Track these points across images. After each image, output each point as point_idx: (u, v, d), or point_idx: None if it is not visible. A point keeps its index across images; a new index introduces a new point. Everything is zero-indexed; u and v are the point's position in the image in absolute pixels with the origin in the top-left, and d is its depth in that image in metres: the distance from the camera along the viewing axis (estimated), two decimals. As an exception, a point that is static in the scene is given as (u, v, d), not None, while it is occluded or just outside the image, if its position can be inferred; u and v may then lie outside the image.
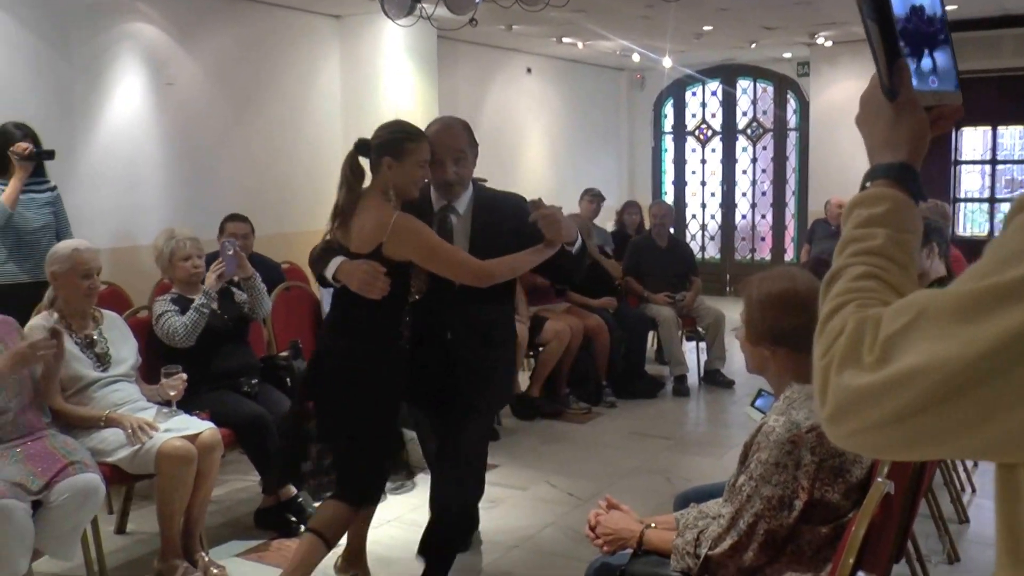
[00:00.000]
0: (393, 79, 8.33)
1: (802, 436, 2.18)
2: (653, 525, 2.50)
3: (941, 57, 1.22)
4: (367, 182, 3.48)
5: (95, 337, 4.13)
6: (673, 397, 7.23)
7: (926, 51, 1.21)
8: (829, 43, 10.31)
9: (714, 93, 12.74)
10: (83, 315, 4.13)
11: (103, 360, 4.09)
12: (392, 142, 3.38)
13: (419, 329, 3.55)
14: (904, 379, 0.95)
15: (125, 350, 4.22)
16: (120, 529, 4.49)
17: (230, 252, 4.52)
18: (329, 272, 3.40)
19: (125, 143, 6.73)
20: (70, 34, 6.35)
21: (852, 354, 1.00)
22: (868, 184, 1.21)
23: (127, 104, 6.73)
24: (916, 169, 1.20)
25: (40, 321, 4.04)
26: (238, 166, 7.54)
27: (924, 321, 0.96)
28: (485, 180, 3.73)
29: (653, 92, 12.98)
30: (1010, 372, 0.89)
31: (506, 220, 3.57)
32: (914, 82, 1.20)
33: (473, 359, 3.58)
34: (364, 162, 3.48)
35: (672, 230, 8.28)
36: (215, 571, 3.98)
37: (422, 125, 9.23)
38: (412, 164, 3.37)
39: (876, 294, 1.09)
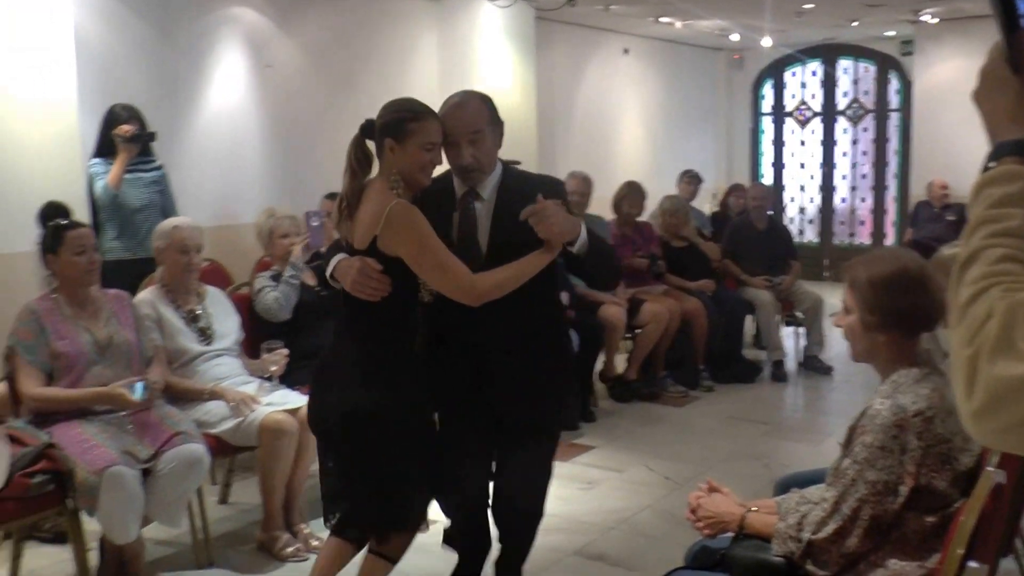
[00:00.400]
0: (490, 61, 8.31)
1: (908, 420, 2.10)
2: (754, 509, 2.44)
3: None
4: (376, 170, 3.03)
5: (198, 312, 4.22)
6: (771, 382, 7.09)
7: None
8: (935, 20, 9.95)
9: (814, 73, 12.43)
10: (186, 290, 4.23)
11: (206, 334, 4.18)
12: (393, 122, 2.92)
13: (441, 337, 3.11)
14: None
15: (228, 325, 4.30)
16: (223, 499, 4.60)
17: (315, 223, 4.59)
18: (329, 272, 3.01)
19: (226, 124, 6.86)
20: (174, 18, 6.49)
21: (1005, 342, 0.94)
22: (993, 163, 1.13)
23: (227, 86, 6.86)
24: None
25: (147, 295, 4.15)
26: (335, 147, 7.54)
27: None
28: (518, 162, 3.25)
29: (752, 72, 12.73)
30: None
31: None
32: None
33: (511, 373, 3.06)
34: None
35: (771, 213, 8.12)
36: (314, 543, 4.04)
37: (520, 107, 9.22)
38: (416, 146, 2.89)
39: (1018, 278, 1.01)
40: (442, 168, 3.07)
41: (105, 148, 5.36)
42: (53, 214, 3.75)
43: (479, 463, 3.18)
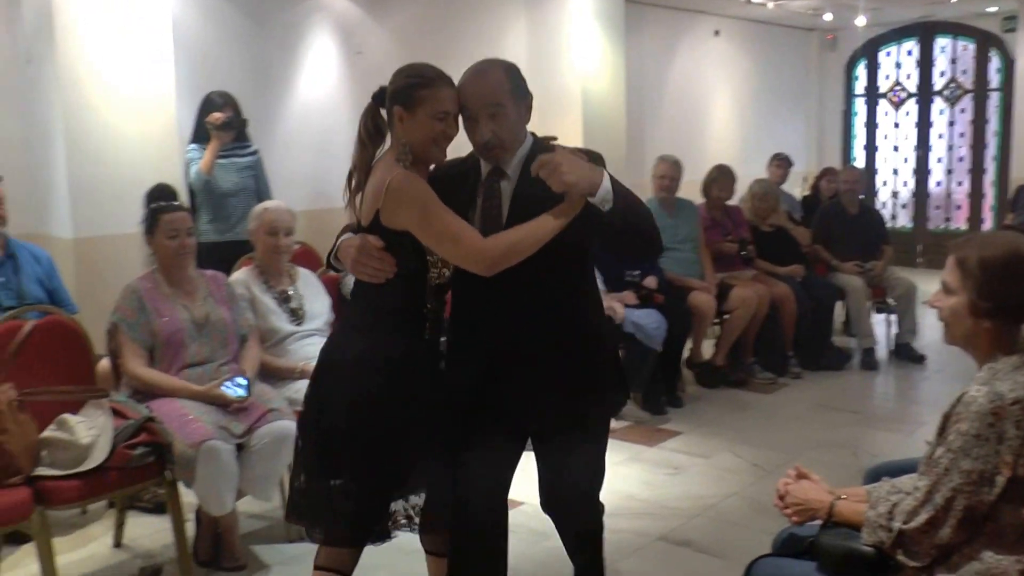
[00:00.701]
0: (580, 45, 8.27)
1: (1006, 408, 2.04)
2: (844, 496, 2.39)
3: None
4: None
5: (290, 293, 4.32)
6: (860, 370, 6.95)
7: None
8: (1041, -6, 9.61)
9: (909, 53, 12.09)
10: (279, 271, 4.34)
11: (297, 315, 4.28)
12: (403, 89, 2.65)
13: (456, 323, 2.83)
14: None
15: (318, 305, 4.39)
16: (314, 477, 4.69)
17: None
18: (331, 253, 2.82)
19: (317, 110, 6.99)
20: (267, 8, 6.64)
21: None
22: None
23: (319, 73, 6.99)
24: None
25: (240, 275, 4.27)
26: (424, 132, 7.67)
27: None
28: (554, 138, 2.80)
29: (845, 53, 12.44)
30: None
31: None
32: None
33: (533, 370, 2.71)
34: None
35: (863, 197, 7.94)
36: (402, 520, 4.10)
37: (609, 93, 9.17)
38: (426, 116, 2.62)
39: None
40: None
41: (201, 134, 5.52)
42: (158, 196, 3.88)
43: (496, 473, 2.82)
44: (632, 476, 4.79)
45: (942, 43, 11.83)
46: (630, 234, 2.64)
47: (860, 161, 12.42)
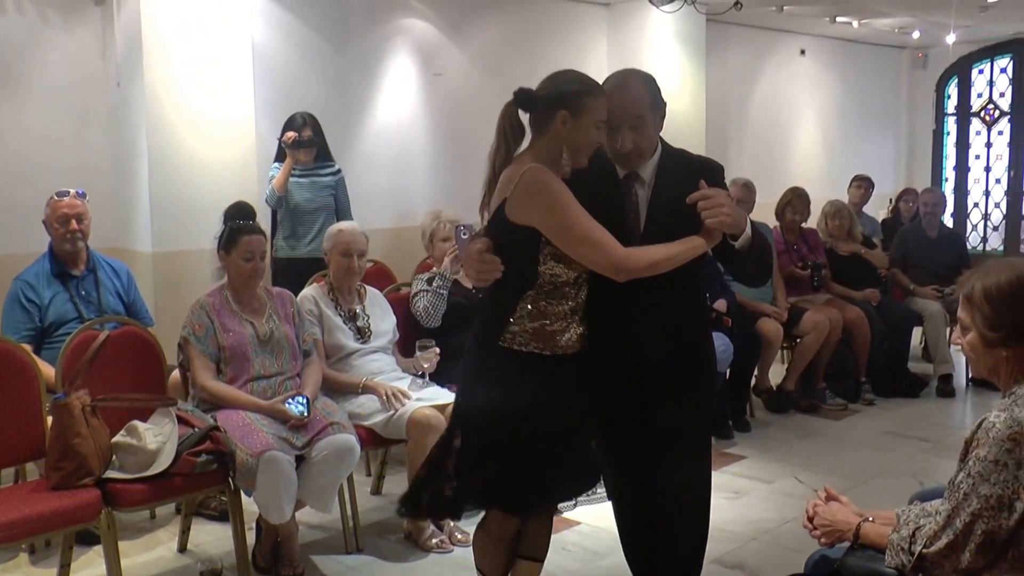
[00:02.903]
0: (661, 65, 8.29)
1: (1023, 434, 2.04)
2: (871, 519, 2.42)
3: None
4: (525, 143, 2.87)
5: (358, 311, 4.45)
6: (937, 397, 6.79)
7: None
8: None
9: (1003, 70, 11.79)
10: (349, 290, 4.47)
11: (363, 333, 4.41)
12: (570, 94, 2.74)
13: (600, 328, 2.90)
14: None
15: (384, 324, 4.52)
16: (376, 490, 4.82)
17: (464, 236, 4.67)
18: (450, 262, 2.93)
19: (396, 131, 7.16)
20: (348, 31, 6.85)
21: None
22: None
23: (398, 94, 7.17)
24: None
25: (311, 292, 4.41)
26: (502, 152, 7.78)
27: None
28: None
29: (936, 71, 12.19)
30: None
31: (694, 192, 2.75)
32: None
33: (663, 373, 2.90)
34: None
35: (952, 218, 7.77)
36: (459, 536, 4.18)
37: (688, 112, 9.18)
38: (589, 123, 2.74)
39: None
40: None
41: (283, 153, 5.73)
42: (237, 214, 4.02)
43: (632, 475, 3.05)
44: (691, 498, 4.78)
45: (1038, 60, 11.54)
46: (752, 267, 2.92)
47: (951, 182, 12.15)
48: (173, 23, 5.40)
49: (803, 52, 10.79)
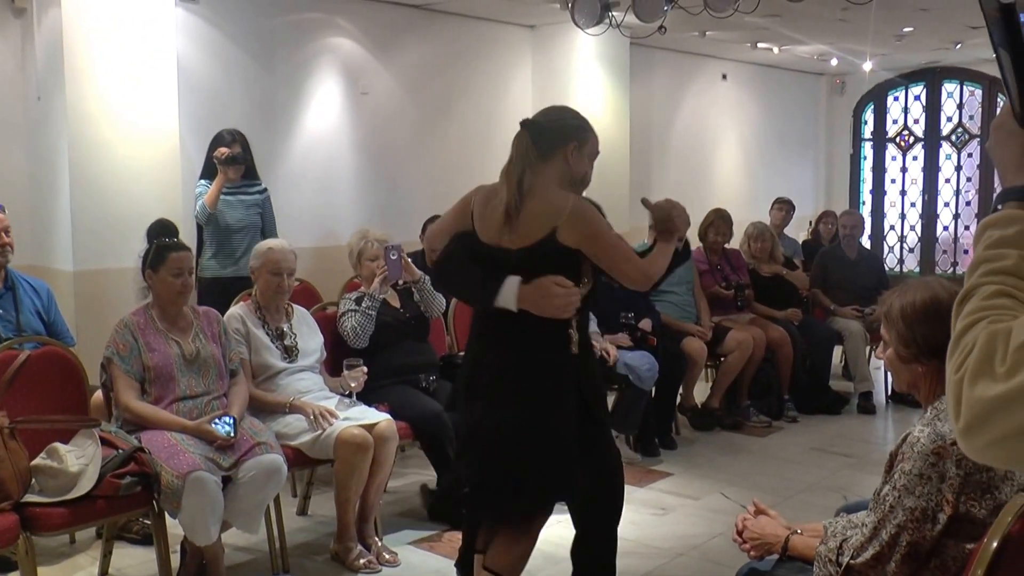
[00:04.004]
0: (585, 88, 8.42)
1: (947, 448, 2.10)
2: (799, 531, 2.47)
3: None
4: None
5: (285, 330, 4.40)
6: (858, 414, 6.97)
7: None
8: (1046, 43, 9.66)
9: (917, 98, 12.19)
10: (276, 309, 4.43)
11: (290, 352, 4.36)
12: (579, 127, 3.07)
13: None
14: None
15: (312, 343, 4.47)
16: (302, 511, 4.76)
17: (393, 257, 4.67)
18: (508, 301, 2.93)
19: (323, 149, 7.13)
20: (274, 48, 6.82)
21: (985, 367, 1.02)
22: (1000, 206, 1.22)
23: (325, 113, 7.14)
24: None
25: (238, 310, 4.36)
26: (429, 172, 7.82)
27: None
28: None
29: (853, 97, 12.53)
30: None
31: None
32: None
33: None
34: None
35: (869, 240, 7.98)
36: (387, 556, 4.16)
37: (611, 134, 9.32)
38: (588, 154, 3.09)
39: (1008, 311, 1.10)
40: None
41: (211, 170, 5.66)
42: (161, 232, 3.96)
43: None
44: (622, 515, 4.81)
45: (949, 88, 11.93)
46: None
47: (868, 205, 12.49)
48: (95, 37, 5.31)
49: (725, 77, 11.02)
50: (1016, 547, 1.83)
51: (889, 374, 7.15)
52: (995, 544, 1.78)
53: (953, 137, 11.92)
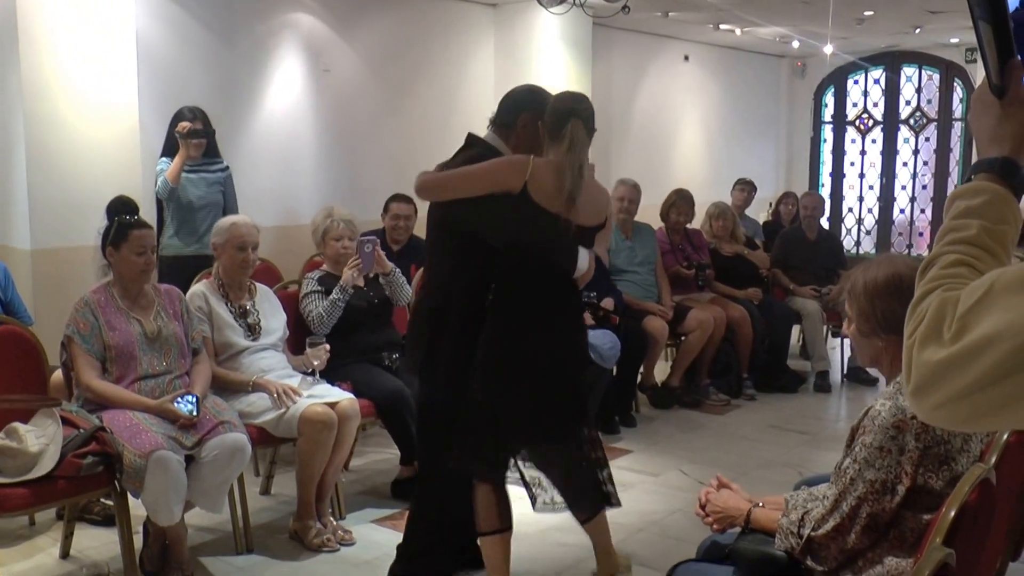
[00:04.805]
0: (547, 67, 8.41)
1: (907, 422, 2.15)
2: (761, 504, 2.52)
3: None
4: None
5: (248, 308, 4.38)
6: (814, 393, 7.07)
7: None
8: (1001, 28, 9.79)
9: (877, 81, 12.32)
10: (239, 286, 4.40)
11: (253, 330, 4.35)
12: (578, 110, 3.35)
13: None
14: (977, 349, 1.00)
15: (275, 322, 4.46)
16: (265, 491, 4.76)
17: (367, 250, 4.67)
18: (581, 268, 3.40)
19: (284, 127, 7.08)
20: (235, 24, 6.74)
21: (934, 332, 1.06)
22: (972, 177, 1.25)
23: (286, 90, 7.08)
24: (1019, 163, 1.23)
25: (200, 288, 4.33)
26: (391, 150, 7.79)
27: (994, 294, 1.01)
28: None
29: (814, 80, 12.65)
30: None
31: None
32: None
33: None
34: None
35: (828, 222, 8.07)
36: (343, 534, 4.18)
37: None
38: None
39: (965, 280, 1.13)
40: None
41: (172, 147, 5.60)
42: (121, 209, 3.92)
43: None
44: (581, 493, 4.86)
45: (908, 72, 12.07)
46: None
47: (827, 188, 12.62)
48: (51, 11, 5.22)
49: (687, 58, 11.06)
50: (973, 517, 1.89)
51: (845, 354, 7.35)
52: (953, 513, 1.83)
53: (911, 121, 12.06)
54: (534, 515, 4.18)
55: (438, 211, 3.50)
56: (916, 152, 12.04)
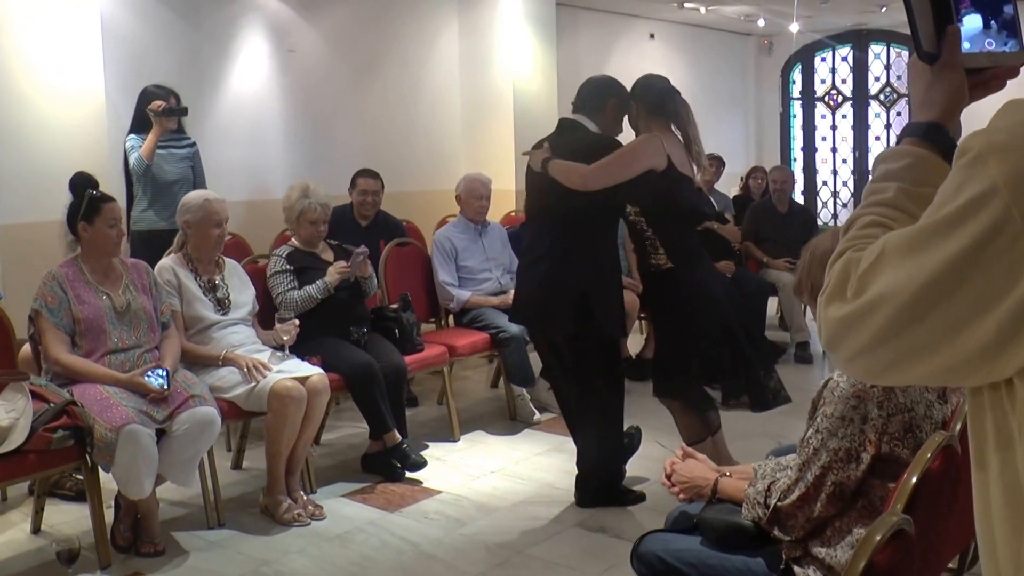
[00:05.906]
0: (512, 47, 8.35)
1: (867, 391, 2.16)
2: (728, 474, 2.52)
3: (1004, 17, 1.24)
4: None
5: (217, 282, 4.36)
6: (795, 364, 7.06)
7: (988, 11, 1.24)
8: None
9: (844, 58, 12.37)
10: (209, 261, 4.38)
11: (223, 304, 4.32)
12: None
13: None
14: (872, 306, 1.06)
15: (244, 296, 4.44)
16: (236, 465, 4.75)
17: (360, 259, 4.77)
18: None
19: (250, 106, 7.04)
20: (200, 4, 6.70)
21: (838, 290, 1.11)
22: (900, 141, 1.27)
23: (251, 70, 7.06)
24: (946, 128, 1.25)
25: (168, 262, 4.30)
26: (357, 129, 7.76)
27: (886, 254, 1.07)
28: None
29: (781, 57, 12.63)
30: (951, 297, 1.00)
31: None
32: (966, 45, 1.24)
33: None
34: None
35: (803, 196, 8.09)
36: (313, 508, 4.16)
37: (540, 94, 9.35)
38: None
39: (875, 239, 1.15)
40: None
41: (140, 124, 5.55)
42: (87, 184, 3.90)
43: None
44: (553, 466, 4.86)
45: (876, 50, 12.12)
46: None
47: (799, 162, 12.67)
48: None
49: (652, 36, 11.02)
50: (936, 483, 1.90)
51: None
52: (914, 480, 1.84)
53: (882, 96, 12.13)
54: (505, 489, 4.22)
55: (597, 196, 3.95)
56: (888, 127, 12.10)
